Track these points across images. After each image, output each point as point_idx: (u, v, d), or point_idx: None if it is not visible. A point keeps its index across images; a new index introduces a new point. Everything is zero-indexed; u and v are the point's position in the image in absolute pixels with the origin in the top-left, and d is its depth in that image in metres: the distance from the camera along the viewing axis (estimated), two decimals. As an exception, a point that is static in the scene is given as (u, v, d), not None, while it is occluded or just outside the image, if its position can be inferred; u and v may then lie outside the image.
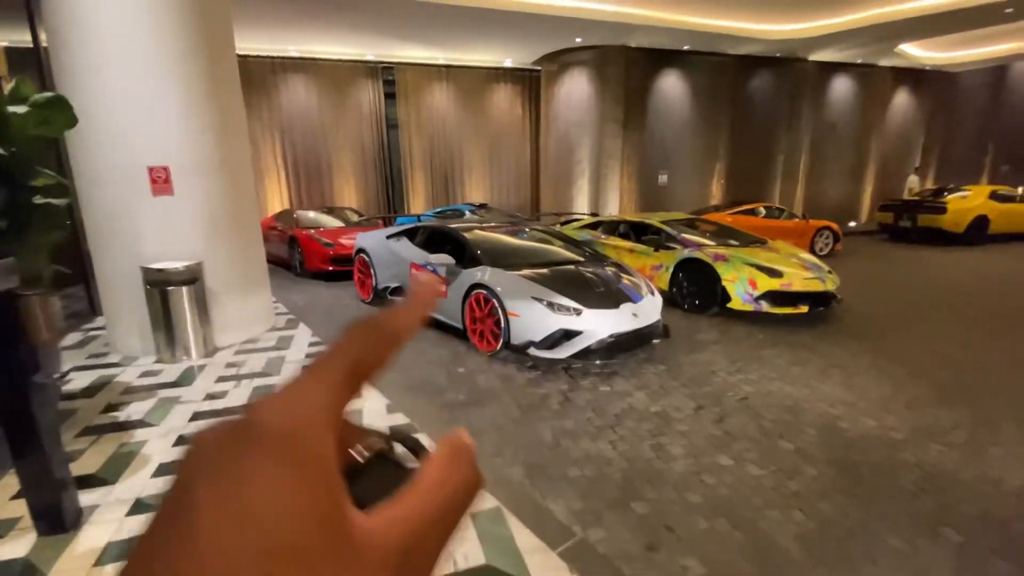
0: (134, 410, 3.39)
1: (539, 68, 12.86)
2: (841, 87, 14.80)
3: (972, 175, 16.89)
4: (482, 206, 10.86)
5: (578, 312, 4.19)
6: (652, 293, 4.86)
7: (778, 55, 13.17)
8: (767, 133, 13.96)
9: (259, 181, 11.73)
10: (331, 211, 10.07)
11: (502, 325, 4.39)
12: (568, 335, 4.17)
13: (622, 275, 4.95)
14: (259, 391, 3.68)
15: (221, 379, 3.90)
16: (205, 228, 4.37)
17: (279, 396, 0.21)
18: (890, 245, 12.14)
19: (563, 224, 8.47)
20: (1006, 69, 16.30)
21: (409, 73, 12.35)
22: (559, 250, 5.44)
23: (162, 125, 4.08)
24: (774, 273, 5.64)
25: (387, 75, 12.41)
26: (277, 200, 11.94)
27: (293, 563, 0.18)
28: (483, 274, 4.68)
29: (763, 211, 11.47)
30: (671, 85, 12.51)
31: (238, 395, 3.61)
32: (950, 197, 12.50)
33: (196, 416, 3.30)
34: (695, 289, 6.11)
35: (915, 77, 15.74)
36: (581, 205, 12.22)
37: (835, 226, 11.00)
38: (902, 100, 16.02)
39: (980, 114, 16.97)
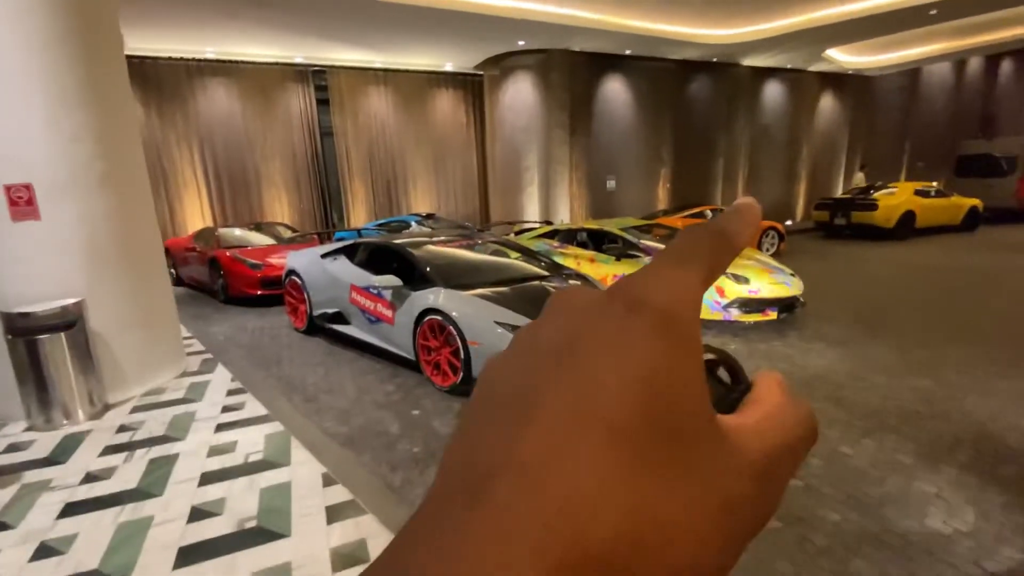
0: (-19, 506, 2.57)
1: (481, 73, 12.41)
2: (773, 91, 15.29)
3: (893, 173, 17.97)
4: (429, 216, 10.23)
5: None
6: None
7: (715, 60, 13.38)
8: (707, 137, 14.17)
9: (176, 197, 10.56)
10: (259, 227, 9.12)
11: (461, 356, 3.82)
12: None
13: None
14: (156, 464, 2.92)
15: (108, 450, 3.10)
16: (85, 258, 3.54)
17: (652, 276, 0.20)
18: (827, 242, 12.53)
19: (517, 234, 8.00)
20: (919, 72, 17.47)
21: (343, 77, 11.54)
22: (519, 264, 4.95)
23: (20, 132, 3.25)
24: (741, 279, 5.40)
25: (319, 79, 11.55)
26: (199, 217, 10.78)
27: (674, 434, 0.17)
28: (436, 296, 4.11)
29: (710, 214, 11.53)
30: (615, 90, 12.39)
31: (128, 473, 2.84)
32: (879, 194, 13.10)
33: (69, 510, 2.52)
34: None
35: (838, 81, 16.54)
36: (532, 213, 11.83)
37: (780, 226, 11.18)
38: (827, 103, 16.78)
39: (897, 114, 18.09)
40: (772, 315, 5.42)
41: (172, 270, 9.21)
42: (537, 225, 8.72)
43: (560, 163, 11.64)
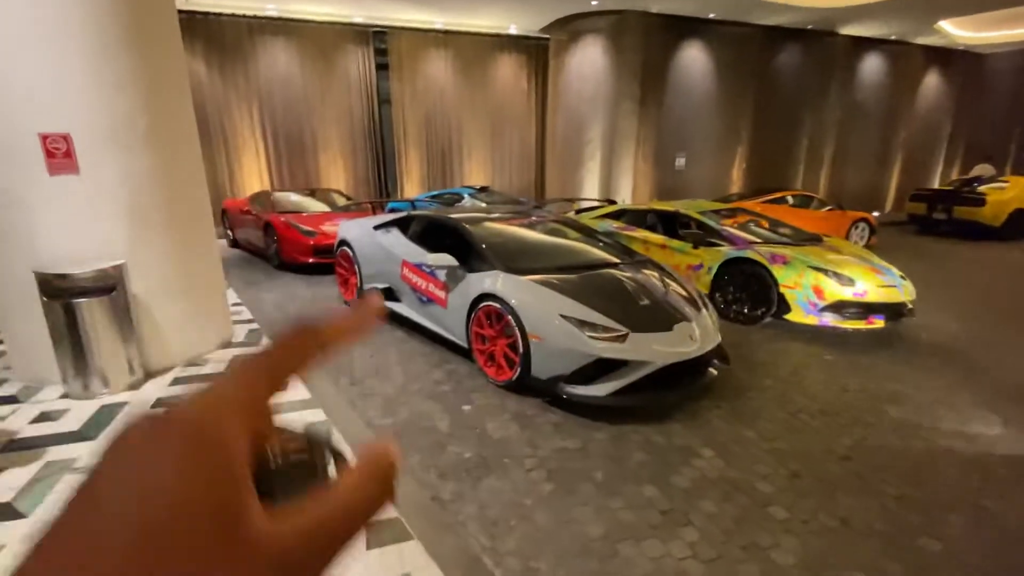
0: (3, 484, 2.37)
1: (547, 36, 11.64)
2: (872, 65, 13.67)
3: (997, 164, 15.92)
4: (483, 189, 9.76)
5: (622, 337, 3.18)
6: (705, 306, 3.86)
7: (809, 27, 12.01)
8: (792, 114, 12.85)
9: (235, 159, 10.54)
10: (314, 193, 8.93)
11: (520, 350, 3.37)
12: (608, 366, 3.16)
13: (668, 282, 3.94)
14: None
15: (142, 427, 2.88)
16: (127, 218, 3.29)
17: (198, 392, 0.22)
18: (923, 238, 11.20)
19: (577, 213, 7.42)
20: (1040, 51, 15.21)
21: (403, 39, 11.09)
22: (587, 248, 4.41)
23: (58, 78, 2.97)
24: (845, 280, 4.65)
25: (378, 41, 11.16)
26: (256, 179, 10.76)
27: (180, 538, 0.18)
28: (494, 281, 3.65)
29: (791, 200, 10.46)
30: (693, 58, 11.34)
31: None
32: (987, 187, 11.56)
33: (89, 496, 2.29)
34: (742, 295, 5.12)
35: (945, 57, 14.62)
36: (590, 189, 11.14)
37: (871, 217, 10.02)
38: (932, 82, 14.91)
39: (1007, 99, 15.93)
40: (878, 323, 4.66)
41: (229, 231, 9.22)
42: (599, 204, 8.07)
43: (626, 137, 10.83)
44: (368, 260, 5.14)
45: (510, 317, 3.40)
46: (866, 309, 4.65)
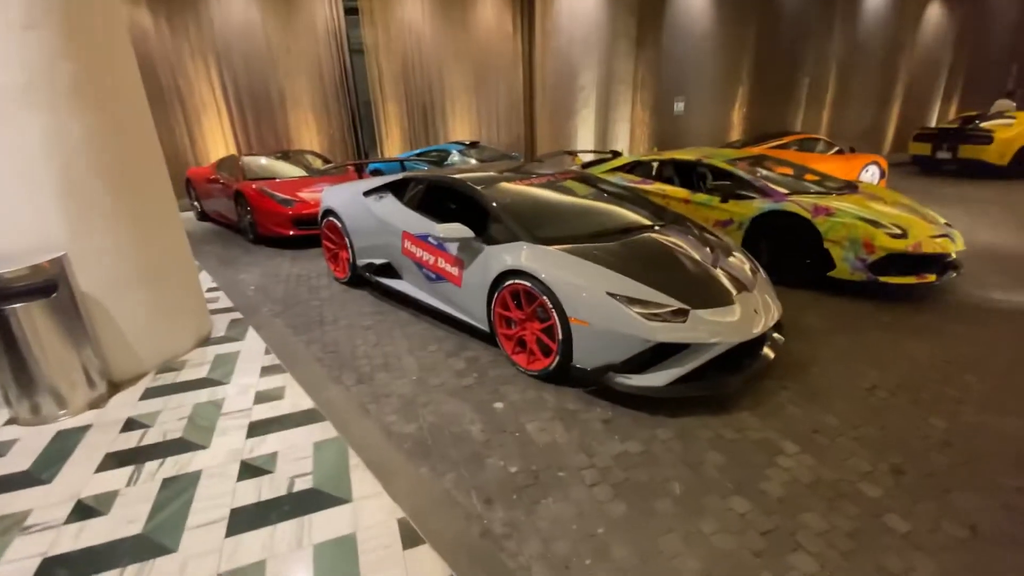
0: (-72, 556, 1.83)
1: (533, -29, 10.58)
2: (875, -4, 12.90)
3: (995, 99, 15.53)
4: (473, 145, 9.02)
5: (683, 314, 2.69)
6: (758, 270, 3.39)
7: (813, -46, 11.14)
8: (794, 52, 12.13)
9: (195, 122, 9.53)
10: (287, 156, 8.10)
11: (559, 336, 2.87)
12: (666, 351, 2.69)
13: (717, 245, 3.43)
14: (171, 489, 2.13)
15: (109, 461, 2.32)
16: (62, 197, 2.62)
17: None
18: (929, 180, 10.84)
19: (584, 167, 6.79)
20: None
21: (373, -22, 9.95)
22: (620, 210, 3.84)
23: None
24: (898, 232, 4.20)
25: (345, -18, 10.01)
26: (221, 144, 9.80)
27: None
28: (519, 254, 3.10)
29: (796, 145, 9.92)
30: (692, -9, 10.46)
31: (133, 503, 2.05)
32: (993, 124, 11.17)
33: (47, 571, 1.76)
34: (779, 252, 4.66)
35: (949, -14, 13.92)
36: (584, 140, 10.44)
37: (882, 160, 9.57)
38: (934, 13, 14.22)
39: (1007, 33, 15.38)
40: (930, 277, 4.24)
41: (196, 203, 8.38)
42: (603, 156, 7.43)
43: (622, 82, 10.05)
44: (361, 232, 4.52)
45: (545, 298, 2.88)
46: (918, 263, 4.23)
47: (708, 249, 3.32)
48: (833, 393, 2.96)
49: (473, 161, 8.42)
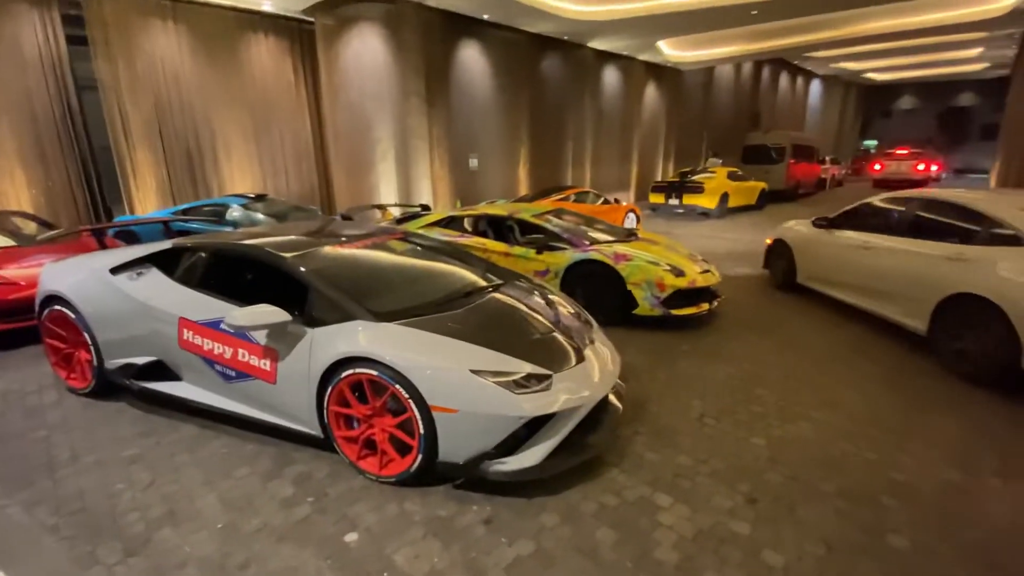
0: None
1: (312, 19, 10.09)
2: (611, 76, 15.82)
3: (694, 161, 20.40)
4: (260, 198, 7.90)
5: (546, 382, 2.57)
6: (589, 321, 3.52)
7: (565, 38, 13.14)
8: (559, 118, 14.01)
9: None
10: (-22, 219, 5.89)
11: (419, 430, 2.46)
12: (536, 424, 2.51)
13: (552, 300, 3.46)
14: None
15: None
16: None
17: None
18: (666, 221, 13.42)
19: (399, 222, 6.48)
20: (712, 70, 19.93)
21: (106, 3, 8.20)
22: (455, 270, 3.61)
23: None
24: (677, 271, 4.92)
25: (67, 7, 8.03)
26: None
27: None
28: (357, 336, 2.62)
29: (573, 197, 11.29)
30: (473, 58, 11.27)
31: None
32: (702, 176, 14.54)
33: None
34: (591, 297, 5.03)
35: (658, 72, 17.90)
36: (388, 194, 10.15)
37: (636, 208, 11.52)
38: (651, 92, 18.08)
39: (697, 108, 20.49)
40: (705, 307, 5.07)
41: None
42: (412, 211, 7.24)
43: (418, 137, 10.14)
44: (110, 322, 3.38)
45: (398, 387, 2.45)
46: (694, 295, 5.01)
47: (547, 304, 3.32)
48: (676, 430, 3.17)
49: (261, 216, 7.36)
